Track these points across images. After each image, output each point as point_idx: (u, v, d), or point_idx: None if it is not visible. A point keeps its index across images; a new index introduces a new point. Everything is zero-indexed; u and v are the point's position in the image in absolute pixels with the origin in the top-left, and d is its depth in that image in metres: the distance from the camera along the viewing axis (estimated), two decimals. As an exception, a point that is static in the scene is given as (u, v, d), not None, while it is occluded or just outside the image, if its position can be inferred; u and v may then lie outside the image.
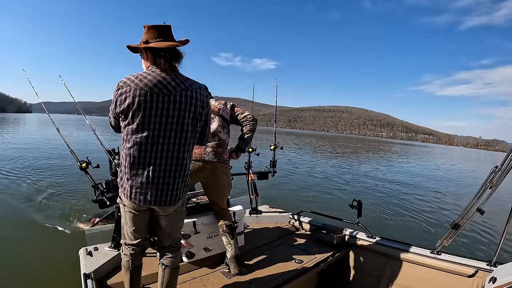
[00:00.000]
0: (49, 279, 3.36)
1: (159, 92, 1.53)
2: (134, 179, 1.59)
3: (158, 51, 1.59)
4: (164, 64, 1.58)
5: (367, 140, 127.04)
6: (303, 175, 11.66)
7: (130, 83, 1.53)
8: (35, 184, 7.27)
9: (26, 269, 3.52)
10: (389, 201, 8.60)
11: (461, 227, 2.20)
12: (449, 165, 27.26)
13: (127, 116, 1.54)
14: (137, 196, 1.60)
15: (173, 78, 1.59)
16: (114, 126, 1.72)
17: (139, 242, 1.80)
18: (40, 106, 3.35)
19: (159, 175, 1.59)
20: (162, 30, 1.61)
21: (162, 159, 1.58)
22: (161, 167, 1.59)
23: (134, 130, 1.54)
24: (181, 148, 1.62)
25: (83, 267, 2.19)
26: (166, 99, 1.54)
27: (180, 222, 1.88)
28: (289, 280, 2.32)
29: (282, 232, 3.28)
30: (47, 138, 18.52)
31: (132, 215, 1.71)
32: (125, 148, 1.59)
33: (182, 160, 1.65)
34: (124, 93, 1.52)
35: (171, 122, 1.57)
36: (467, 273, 2.23)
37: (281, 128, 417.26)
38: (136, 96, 1.50)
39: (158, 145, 1.57)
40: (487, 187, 2.04)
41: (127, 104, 1.51)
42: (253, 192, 3.51)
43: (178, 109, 1.57)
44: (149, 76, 1.55)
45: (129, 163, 1.58)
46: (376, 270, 2.71)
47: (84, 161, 2.64)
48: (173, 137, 1.59)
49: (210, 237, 2.59)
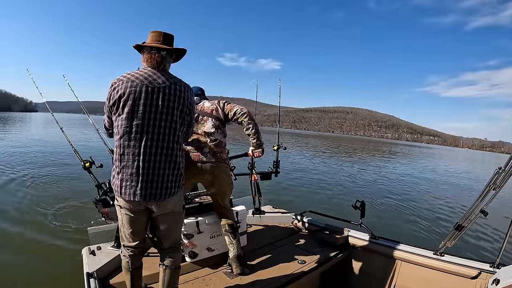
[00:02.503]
0: (52, 278, 3.38)
1: (149, 85, 1.62)
2: (124, 171, 1.62)
3: (151, 51, 1.70)
4: (155, 63, 1.69)
5: (372, 141, 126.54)
6: (306, 176, 11.62)
7: (122, 79, 1.63)
8: (39, 184, 7.32)
9: (29, 268, 3.55)
10: (392, 202, 8.56)
11: (465, 228, 2.19)
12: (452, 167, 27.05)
13: (118, 106, 1.61)
14: (127, 190, 1.62)
15: (163, 75, 1.69)
16: (108, 126, 1.78)
17: (138, 244, 1.81)
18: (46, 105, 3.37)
19: (149, 165, 1.62)
20: (164, 35, 1.74)
21: (151, 148, 1.62)
22: (150, 157, 1.62)
23: (124, 119, 1.60)
24: (170, 139, 1.67)
25: (86, 266, 2.21)
26: (155, 90, 1.62)
27: (177, 224, 1.88)
28: (292, 280, 2.32)
29: (285, 233, 3.28)
30: (50, 137, 18.60)
31: (128, 217, 1.72)
32: (116, 141, 1.65)
33: (171, 151, 1.68)
34: (116, 87, 1.61)
35: (161, 111, 1.63)
36: (470, 274, 2.22)
37: (286, 129, 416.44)
38: (127, 88, 1.59)
39: (148, 134, 1.61)
40: (490, 188, 2.03)
41: (118, 95, 1.59)
42: (256, 193, 3.52)
43: (167, 100, 1.65)
44: (141, 72, 1.66)
45: (119, 154, 1.62)
46: (379, 271, 2.71)
47: (87, 161, 2.65)
48: (163, 127, 1.64)
49: (213, 237, 2.60)
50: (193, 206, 2.63)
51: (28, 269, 3.52)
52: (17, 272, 3.45)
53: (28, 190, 6.75)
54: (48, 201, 5.98)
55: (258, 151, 2.59)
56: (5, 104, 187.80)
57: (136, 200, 1.63)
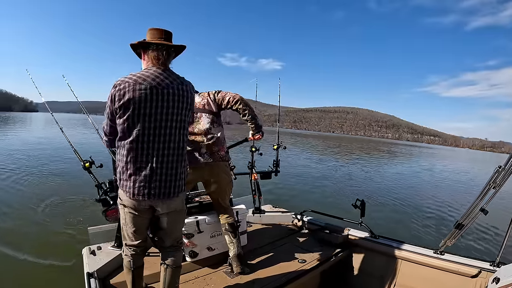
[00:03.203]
0: (52, 278, 3.39)
1: (158, 86, 1.60)
2: (138, 173, 1.61)
3: (158, 49, 1.66)
4: (162, 61, 1.66)
5: (372, 141, 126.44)
6: (306, 175, 11.64)
7: (128, 80, 1.57)
8: (38, 184, 7.33)
9: (29, 268, 3.55)
10: (393, 201, 8.58)
11: (465, 227, 2.19)
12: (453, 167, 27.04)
13: (128, 109, 1.56)
14: (141, 190, 1.62)
15: (169, 75, 1.67)
16: (109, 132, 1.73)
17: (140, 243, 1.82)
18: (47, 105, 3.35)
19: (163, 166, 1.63)
20: (163, 33, 1.70)
21: (164, 149, 1.63)
22: (163, 158, 1.63)
23: (135, 122, 1.58)
24: (181, 138, 1.70)
25: (86, 266, 2.21)
26: (165, 92, 1.61)
27: (180, 222, 1.90)
28: (292, 279, 2.32)
29: (285, 232, 3.28)
30: (50, 137, 18.59)
31: (132, 216, 1.72)
32: (126, 144, 1.61)
33: (182, 150, 1.72)
34: (123, 89, 1.56)
35: (172, 112, 1.63)
36: (470, 273, 2.22)
37: (286, 129, 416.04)
38: (137, 90, 1.55)
39: (161, 136, 1.62)
40: (490, 187, 2.03)
41: (127, 98, 1.55)
42: (256, 192, 3.51)
43: (176, 100, 1.65)
44: (147, 73, 1.62)
45: (132, 157, 1.60)
46: (379, 270, 2.71)
47: (87, 161, 2.64)
48: (174, 128, 1.65)
49: (213, 236, 2.59)
50: (193, 205, 2.63)
51: (28, 269, 3.52)
52: (17, 272, 3.46)
53: (27, 190, 6.77)
54: (48, 201, 5.99)
55: (258, 134, 2.58)
56: (6, 104, 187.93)
57: (149, 199, 1.64)
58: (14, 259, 3.74)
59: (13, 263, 3.64)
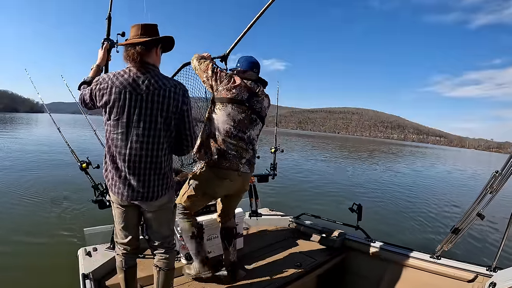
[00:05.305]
0: (47, 279, 3.40)
1: (132, 91, 1.59)
2: (116, 173, 1.64)
3: (127, 49, 1.65)
4: (133, 60, 1.63)
5: (376, 142, 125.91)
6: (303, 178, 11.55)
7: (108, 80, 1.60)
8: (34, 184, 7.33)
9: (25, 269, 3.56)
10: (390, 206, 8.52)
11: (461, 231, 2.18)
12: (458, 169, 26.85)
13: (105, 112, 1.61)
14: (119, 191, 1.65)
15: (148, 78, 1.63)
16: (88, 100, 1.71)
17: (130, 241, 1.82)
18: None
19: (134, 172, 1.62)
20: (143, 27, 1.68)
21: (136, 156, 1.62)
22: (135, 164, 1.62)
23: (110, 125, 1.61)
24: (154, 146, 1.65)
25: (81, 268, 2.21)
26: (139, 98, 1.59)
27: (166, 220, 1.87)
28: (288, 283, 2.31)
29: (282, 235, 3.27)
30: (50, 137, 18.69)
31: (119, 211, 1.74)
32: (106, 142, 1.66)
33: (156, 158, 1.67)
34: (102, 89, 1.60)
35: (144, 120, 1.61)
36: (467, 278, 2.20)
37: (291, 130, 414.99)
38: (112, 94, 1.57)
39: (132, 143, 1.60)
40: (487, 192, 2.01)
41: (104, 101, 1.59)
42: (253, 195, 3.50)
43: (150, 108, 1.61)
44: (125, 75, 1.61)
45: (110, 157, 1.65)
46: (376, 274, 2.69)
47: (84, 161, 2.65)
48: (146, 136, 1.62)
49: (209, 239, 2.60)
50: None
51: (23, 270, 3.54)
52: (13, 273, 3.47)
53: (24, 191, 6.75)
54: (44, 202, 6.02)
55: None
56: (12, 105, 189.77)
57: (127, 200, 1.67)
58: (9, 260, 3.76)
59: (8, 264, 3.65)
